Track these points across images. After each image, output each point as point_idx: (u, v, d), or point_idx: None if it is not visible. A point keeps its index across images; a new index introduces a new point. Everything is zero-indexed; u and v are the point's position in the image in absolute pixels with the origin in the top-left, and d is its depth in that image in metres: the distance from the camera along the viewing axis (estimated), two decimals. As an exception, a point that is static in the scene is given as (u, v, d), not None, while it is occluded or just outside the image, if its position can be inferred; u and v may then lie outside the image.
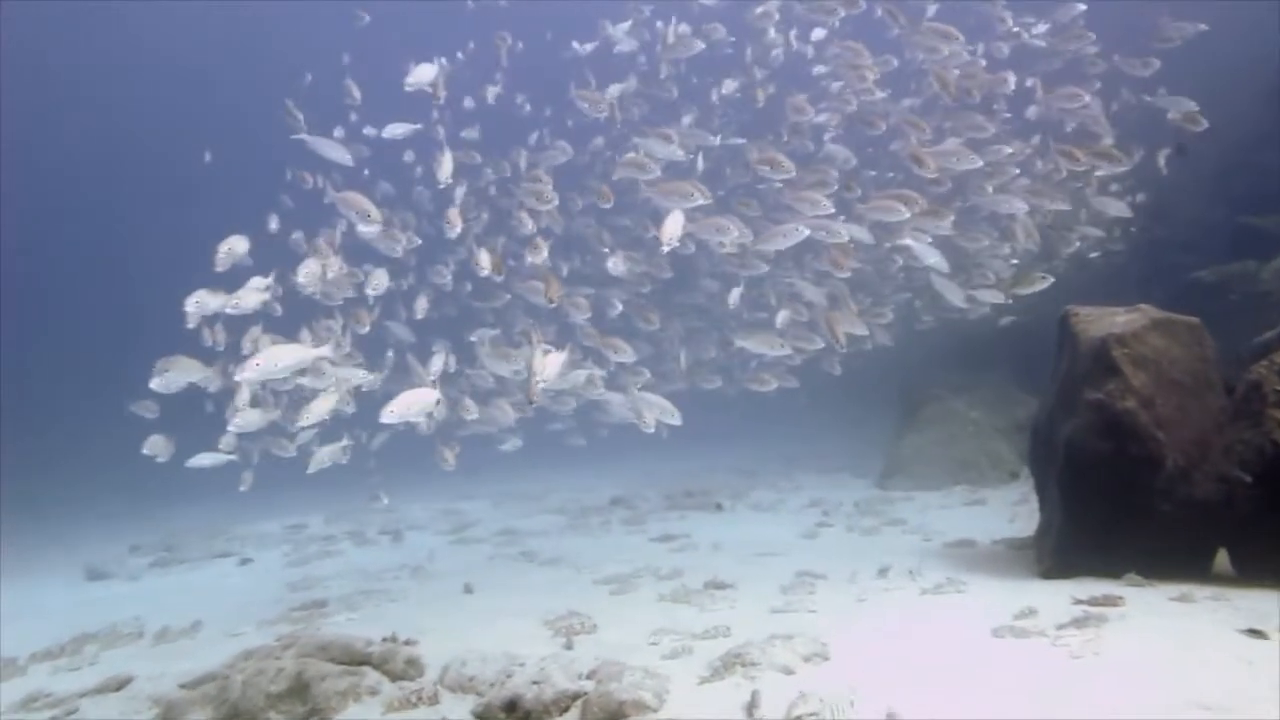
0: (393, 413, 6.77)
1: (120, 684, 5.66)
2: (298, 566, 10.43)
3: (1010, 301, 10.23)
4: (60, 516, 14.55)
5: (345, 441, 8.62)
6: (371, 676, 5.39)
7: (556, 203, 9.11)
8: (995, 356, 15.57)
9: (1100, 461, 6.96)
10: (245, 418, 7.58)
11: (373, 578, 9.22)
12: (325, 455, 8.43)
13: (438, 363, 8.96)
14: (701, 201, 8.47)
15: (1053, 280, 9.58)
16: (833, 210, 9.01)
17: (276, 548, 11.80)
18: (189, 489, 8.88)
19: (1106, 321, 7.42)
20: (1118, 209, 10.07)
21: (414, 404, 6.89)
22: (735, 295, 11.18)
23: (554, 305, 8.24)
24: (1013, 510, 10.61)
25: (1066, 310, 7.95)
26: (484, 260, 8.46)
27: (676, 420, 7.96)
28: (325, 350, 7.03)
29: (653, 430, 8.04)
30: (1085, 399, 7.10)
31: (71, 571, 11.39)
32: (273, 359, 6.54)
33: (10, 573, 11.85)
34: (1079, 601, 6.11)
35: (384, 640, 5.86)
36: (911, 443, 13.95)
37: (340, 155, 8.79)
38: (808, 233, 8.69)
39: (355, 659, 5.54)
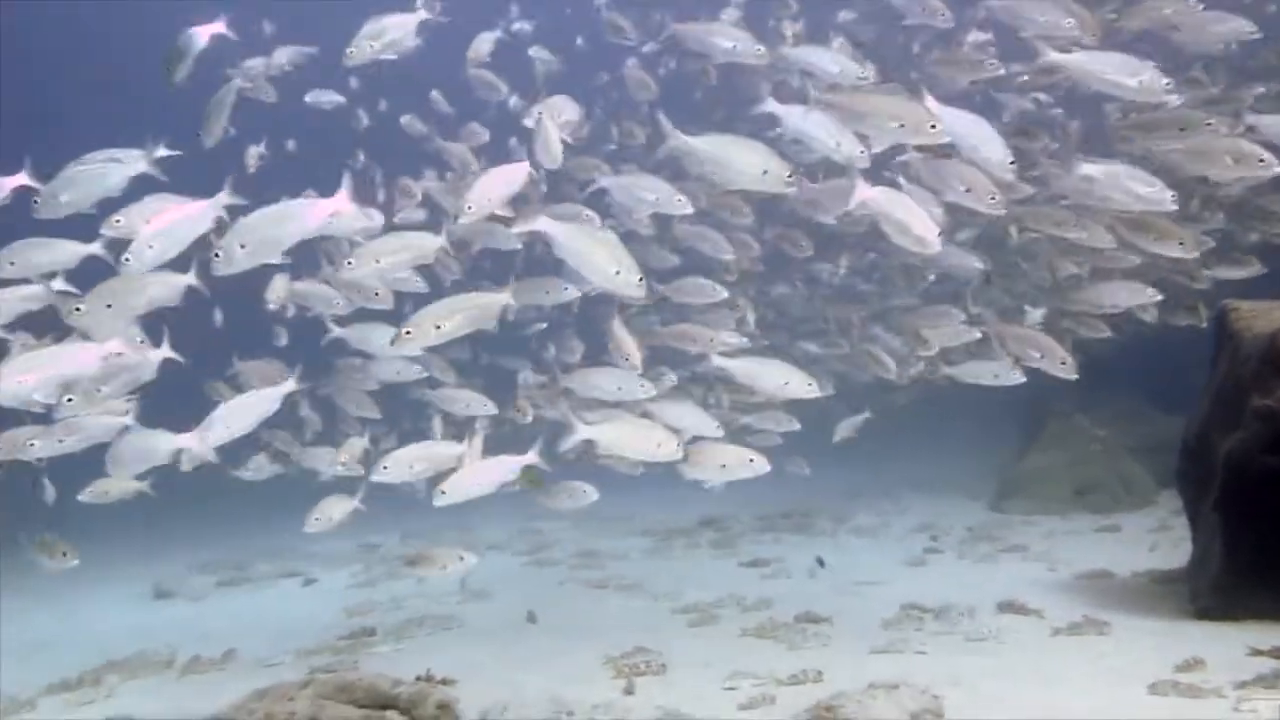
0: None
1: (118, 726, 5.01)
2: (361, 588, 9.83)
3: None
4: (141, 527, 14.31)
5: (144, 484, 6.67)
6: (394, 723, 4.61)
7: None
8: (1117, 371, 14.17)
9: (1273, 481, 5.81)
10: None
11: (433, 602, 8.53)
12: (110, 488, 6.57)
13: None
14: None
15: None
16: None
17: (345, 567, 11.20)
18: (267, 501, 8.31)
19: (1277, 316, 6.27)
20: None
21: None
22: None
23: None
24: (1152, 538, 9.35)
25: (1224, 305, 6.82)
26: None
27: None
28: None
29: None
30: (1253, 407, 5.98)
31: (140, 588, 10.99)
32: None
33: (84, 586, 11.54)
34: (1259, 652, 4.99)
35: (417, 679, 5.07)
36: (1033, 461, 12.70)
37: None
38: None
39: (379, 701, 4.76)
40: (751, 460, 5.66)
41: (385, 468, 5.79)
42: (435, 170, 8.45)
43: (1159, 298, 7.15)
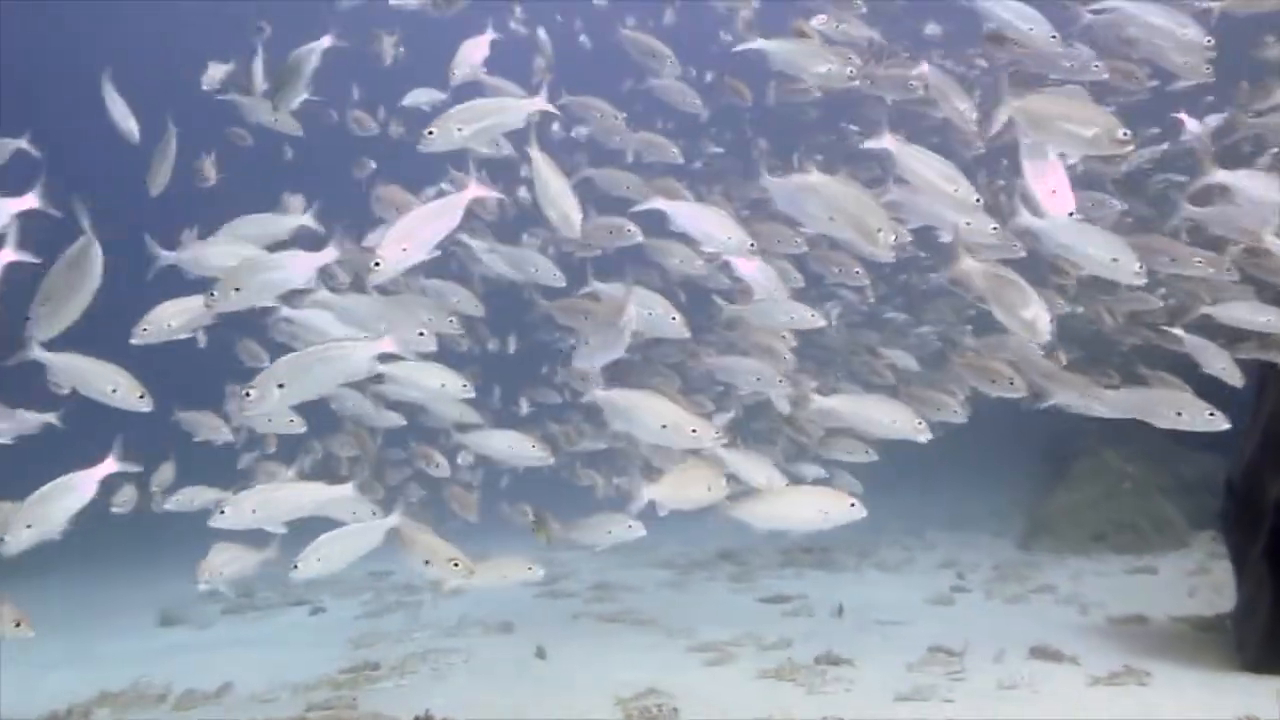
0: None
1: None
2: (369, 618, 9.59)
3: None
4: (154, 550, 14.13)
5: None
6: (388, 768, 4.35)
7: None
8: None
9: (1327, 526, 5.49)
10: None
11: (441, 635, 8.28)
12: None
13: None
14: None
15: None
16: None
17: (355, 596, 10.96)
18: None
19: (1329, 350, 5.96)
20: None
21: None
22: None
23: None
24: (1190, 582, 8.99)
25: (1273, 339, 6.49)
26: None
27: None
28: None
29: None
30: (1304, 446, 5.66)
31: (147, 616, 10.79)
32: None
33: (92, 609, 11.38)
34: (1316, 710, 4.66)
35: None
36: (1060, 499, 12.34)
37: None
38: None
39: (373, 744, 4.52)
40: (852, 505, 4.87)
41: (223, 512, 4.97)
42: (435, 187, 8.01)
43: None
